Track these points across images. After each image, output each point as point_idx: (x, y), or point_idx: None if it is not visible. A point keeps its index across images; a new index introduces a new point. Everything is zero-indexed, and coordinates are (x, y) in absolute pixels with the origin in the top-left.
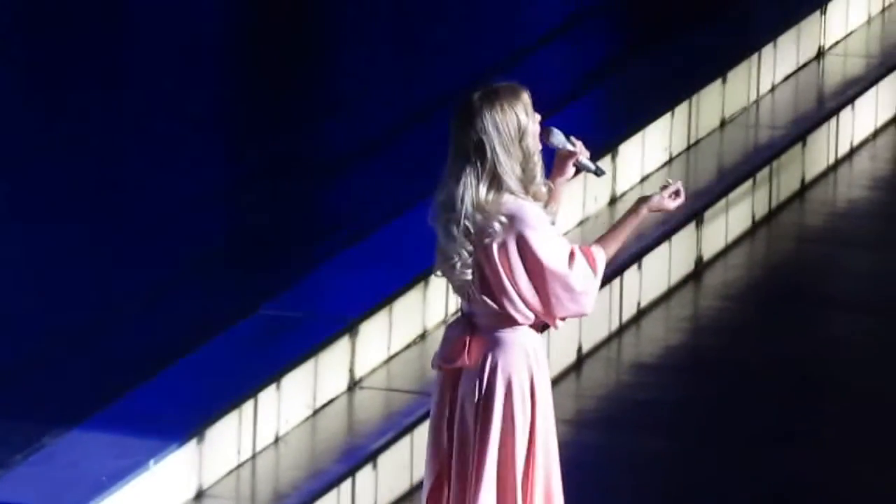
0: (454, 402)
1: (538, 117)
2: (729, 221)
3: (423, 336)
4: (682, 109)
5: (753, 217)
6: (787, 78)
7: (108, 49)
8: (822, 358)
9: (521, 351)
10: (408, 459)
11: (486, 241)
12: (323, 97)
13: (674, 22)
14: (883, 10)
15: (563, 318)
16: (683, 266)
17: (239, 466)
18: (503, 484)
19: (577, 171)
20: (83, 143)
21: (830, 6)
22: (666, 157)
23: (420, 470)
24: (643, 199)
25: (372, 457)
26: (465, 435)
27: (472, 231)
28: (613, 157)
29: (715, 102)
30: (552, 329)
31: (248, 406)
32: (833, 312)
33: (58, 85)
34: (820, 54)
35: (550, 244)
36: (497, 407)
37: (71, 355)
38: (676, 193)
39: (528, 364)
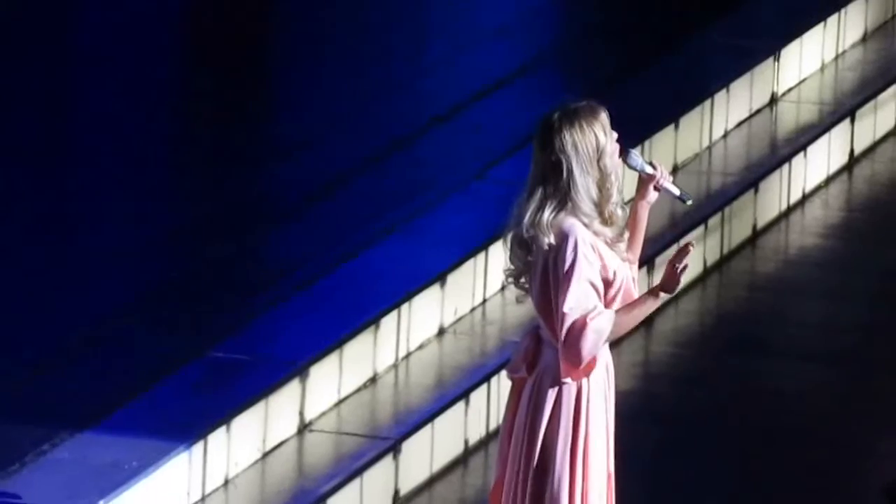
0: (517, 411)
1: (615, 135)
2: None
3: (373, 380)
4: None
5: (705, 263)
6: (739, 124)
7: (50, 89)
8: (772, 407)
9: None
10: (357, 502)
11: (531, 258)
12: (273, 143)
13: (625, 68)
14: (836, 58)
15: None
16: None
17: None
18: (545, 494)
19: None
20: (31, 180)
21: (784, 52)
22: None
23: None
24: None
25: (321, 500)
26: (517, 443)
27: (529, 246)
28: None
29: (667, 148)
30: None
31: (197, 448)
32: (783, 361)
33: None
34: (773, 101)
35: (576, 273)
36: (543, 418)
37: (17, 397)
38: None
39: (578, 381)
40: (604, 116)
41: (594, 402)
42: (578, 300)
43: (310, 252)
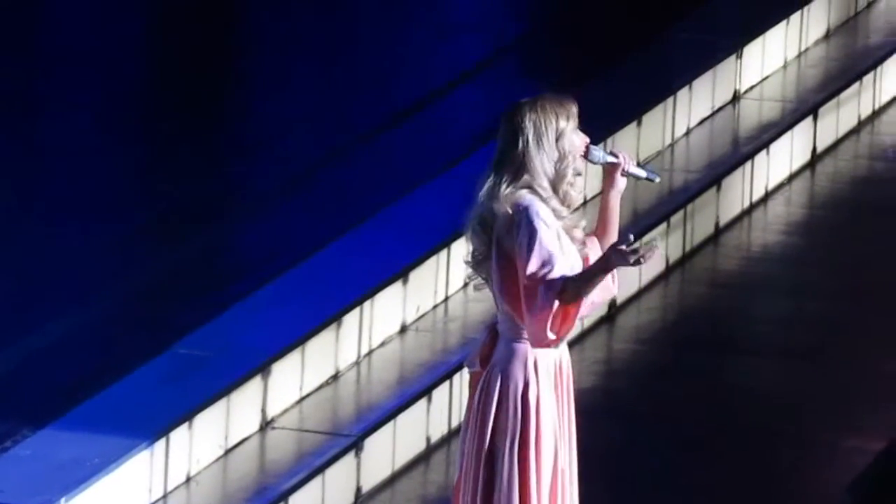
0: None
1: (586, 138)
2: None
3: (335, 376)
4: None
5: (667, 260)
6: (702, 121)
7: (19, 83)
8: (735, 403)
9: (520, 361)
10: (319, 500)
11: (492, 235)
12: (236, 138)
13: (588, 65)
14: (799, 55)
15: (543, 334)
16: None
17: None
18: (495, 489)
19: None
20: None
21: (746, 50)
22: (580, 200)
23: None
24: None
25: (283, 497)
26: (471, 438)
27: (487, 223)
28: None
29: (630, 145)
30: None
31: (159, 445)
32: (746, 358)
33: None
34: (735, 98)
35: (538, 237)
36: (490, 414)
37: None
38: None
39: (525, 375)
40: (572, 108)
41: (543, 396)
42: (541, 265)
43: (272, 248)
